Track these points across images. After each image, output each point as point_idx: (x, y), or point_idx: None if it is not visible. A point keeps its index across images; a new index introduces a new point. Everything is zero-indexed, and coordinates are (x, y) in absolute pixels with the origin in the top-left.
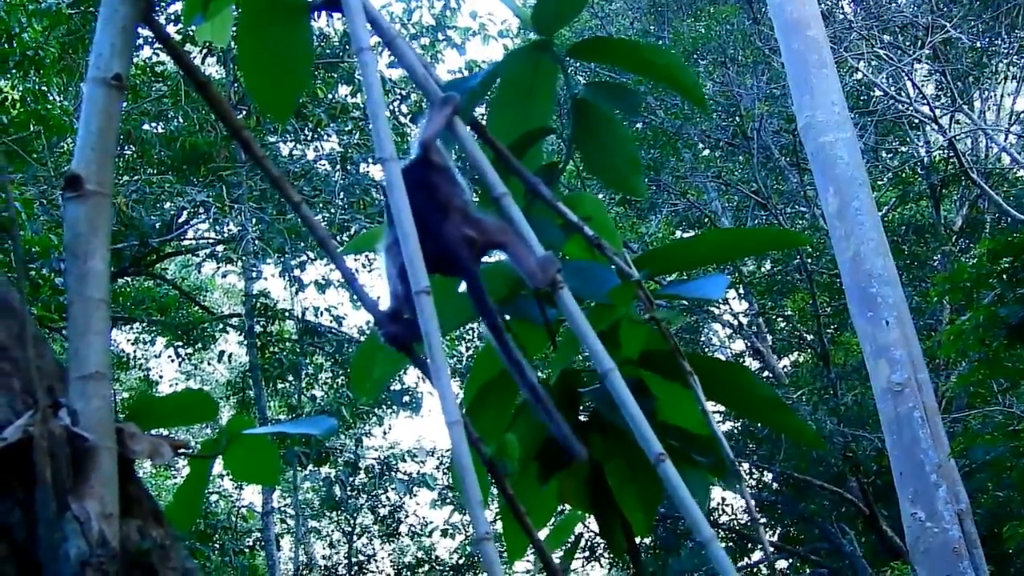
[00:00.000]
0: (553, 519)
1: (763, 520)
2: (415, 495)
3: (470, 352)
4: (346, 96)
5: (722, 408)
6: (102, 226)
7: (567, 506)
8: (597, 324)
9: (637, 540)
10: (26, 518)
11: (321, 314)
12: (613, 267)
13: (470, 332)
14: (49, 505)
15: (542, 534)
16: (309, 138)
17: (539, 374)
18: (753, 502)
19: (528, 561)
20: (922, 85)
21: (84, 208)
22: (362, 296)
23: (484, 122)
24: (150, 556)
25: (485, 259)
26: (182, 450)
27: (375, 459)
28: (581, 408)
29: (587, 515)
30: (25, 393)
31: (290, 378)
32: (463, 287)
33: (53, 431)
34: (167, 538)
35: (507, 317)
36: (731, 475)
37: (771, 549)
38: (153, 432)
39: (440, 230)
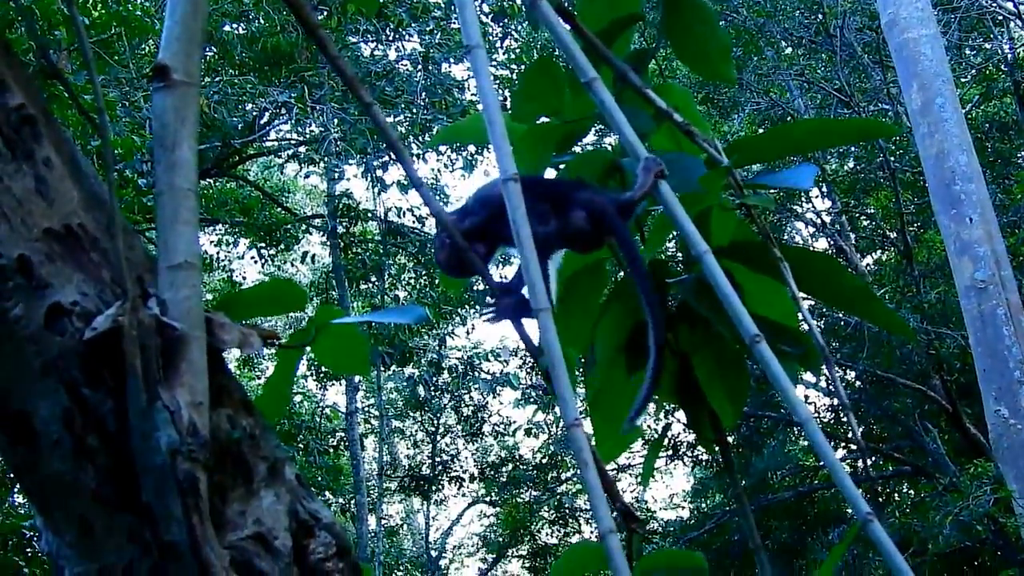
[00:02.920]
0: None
1: (846, 419)
2: (498, 395)
3: None
4: None
5: (807, 306)
6: (189, 116)
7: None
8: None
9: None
10: (117, 408)
11: (404, 214)
12: (701, 157)
13: None
14: (139, 395)
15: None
16: (390, 38)
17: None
18: (841, 389)
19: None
20: None
21: (171, 98)
22: (429, 201)
23: (574, 9)
24: (240, 445)
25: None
26: (271, 340)
27: (458, 359)
28: (669, 299)
29: (671, 415)
30: (114, 283)
31: (373, 279)
32: None
33: (142, 321)
34: (257, 427)
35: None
36: (818, 362)
37: (860, 433)
38: (242, 323)
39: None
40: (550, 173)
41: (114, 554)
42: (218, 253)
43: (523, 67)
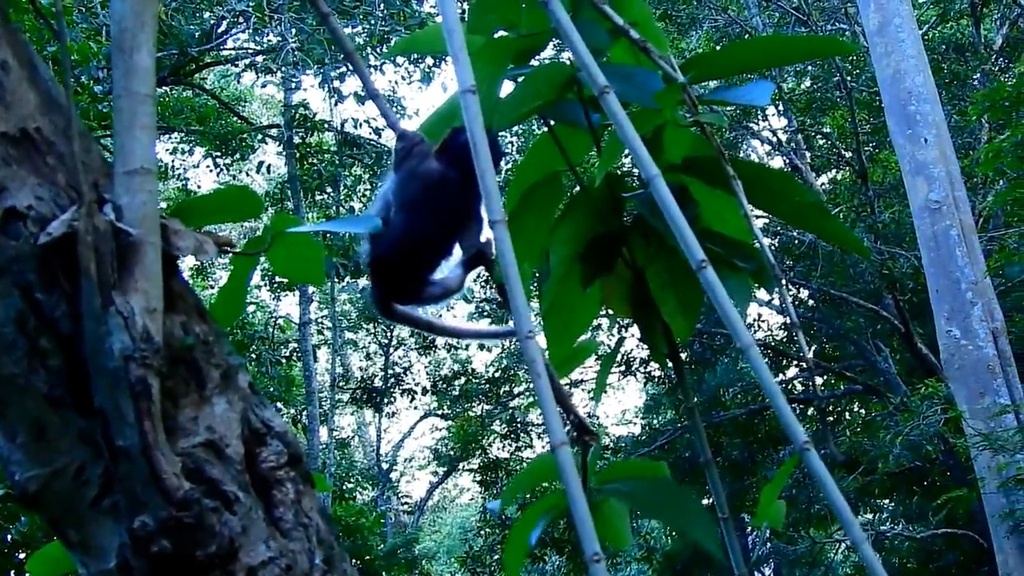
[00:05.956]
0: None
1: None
2: (452, 308)
3: (508, 167)
4: None
5: (762, 224)
6: (148, 20)
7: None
8: (642, 128)
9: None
10: (71, 312)
11: (360, 125)
12: (658, 72)
13: (509, 145)
14: (93, 299)
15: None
16: None
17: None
18: (792, 307)
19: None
20: None
21: (131, 1)
22: (386, 113)
23: None
24: (193, 351)
25: None
26: (226, 247)
27: None
28: (625, 213)
29: (624, 330)
30: (70, 188)
31: (329, 189)
32: None
33: (98, 225)
34: (211, 334)
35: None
36: (772, 279)
37: (811, 354)
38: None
39: None
40: (507, 86)
41: (66, 457)
42: (173, 161)
43: None
